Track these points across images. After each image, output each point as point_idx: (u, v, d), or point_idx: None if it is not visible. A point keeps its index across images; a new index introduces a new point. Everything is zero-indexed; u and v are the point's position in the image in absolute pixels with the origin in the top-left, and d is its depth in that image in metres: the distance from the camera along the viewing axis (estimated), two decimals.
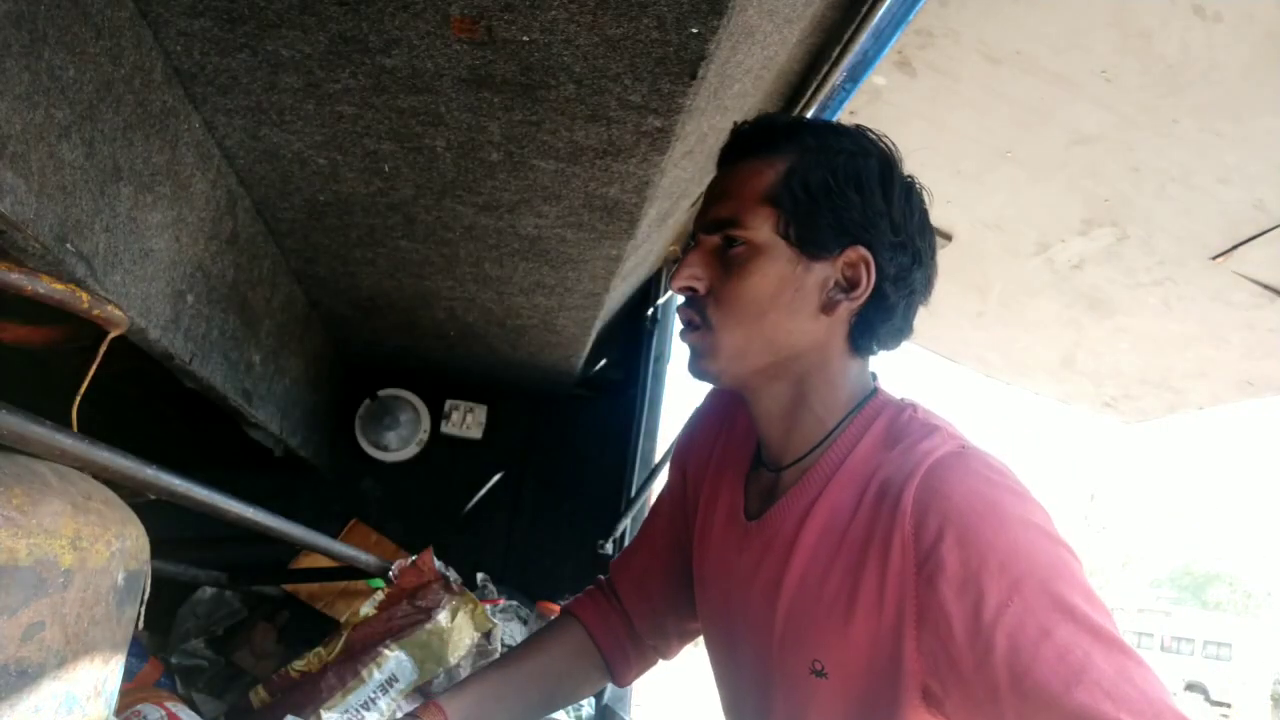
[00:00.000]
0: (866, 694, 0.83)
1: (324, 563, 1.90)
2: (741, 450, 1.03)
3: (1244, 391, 2.07)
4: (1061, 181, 1.61)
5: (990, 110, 1.50)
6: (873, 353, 0.94)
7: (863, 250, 0.87)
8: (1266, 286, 1.66)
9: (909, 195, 0.90)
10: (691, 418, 1.17)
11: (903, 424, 0.89)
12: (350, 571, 1.83)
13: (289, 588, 2.03)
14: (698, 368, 0.92)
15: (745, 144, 0.93)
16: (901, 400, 0.94)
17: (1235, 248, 1.58)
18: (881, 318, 0.89)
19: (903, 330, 0.93)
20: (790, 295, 0.87)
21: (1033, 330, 2.19)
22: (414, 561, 1.70)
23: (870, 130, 0.93)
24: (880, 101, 1.58)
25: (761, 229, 0.88)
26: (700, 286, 0.90)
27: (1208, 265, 1.65)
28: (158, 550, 0.80)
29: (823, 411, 0.91)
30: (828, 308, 0.87)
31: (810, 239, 0.86)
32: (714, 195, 0.94)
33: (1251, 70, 1.22)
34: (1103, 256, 1.77)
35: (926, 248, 0.91)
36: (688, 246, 0.96)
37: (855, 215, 0.87)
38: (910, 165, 0.95)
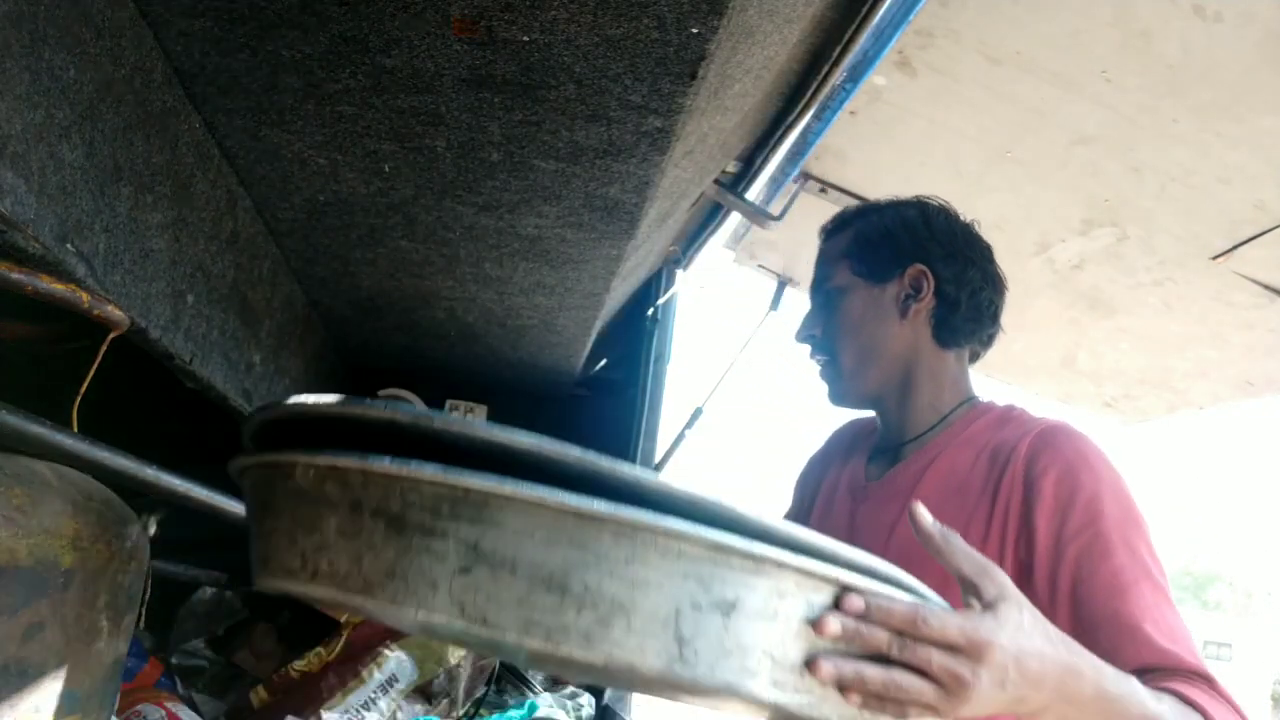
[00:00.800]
0: None
1: None
2: (860, 453, 1.22)
3: (1244, 391, 2.07)
4: (1061, 181, 1.61)
5: (990, 110, 1.50)
6: (959, 345, 1.15)
7: (920, 266, 1.13)
8: (1267, 286, 1.66)
9: (949, 222, 1.17)
10: (814, 454, 1.36)
11: (1014, 414, 1.09)
12: None
13: None
14: (834, 393, 1.18)
15: (829, 233, 1.24)
16: (1009, 404, 1.14)
17: (1235, 248, 1.58)
18: (951, 310, 1.12)
19: (980, 321, 1.15)
20: (874, 312, 1.14)
21: (1033, 330, 2.19)
22: None
23: (929, 198, 1.21)
24: (880, 101, 1.58)
25: (842, 276, 1.16)
26: (816, 331, 1.18)
27: (1208, 265, 1.65)
28: (157, 550, 0.80)
29: (933, 399, 1.13)
30: (904, 312, 1.13)
31: (875, 270, 1.14)
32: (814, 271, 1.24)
33: (1251, 70, 1.22)
34: (1103, 256, 1.77)
35: (977, 254, 1.16)
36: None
37: (906, 244, 1.14)
38: (910, 165, 1.02)
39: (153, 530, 0.96)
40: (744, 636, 0.53)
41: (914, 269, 1.13)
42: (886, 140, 1.71)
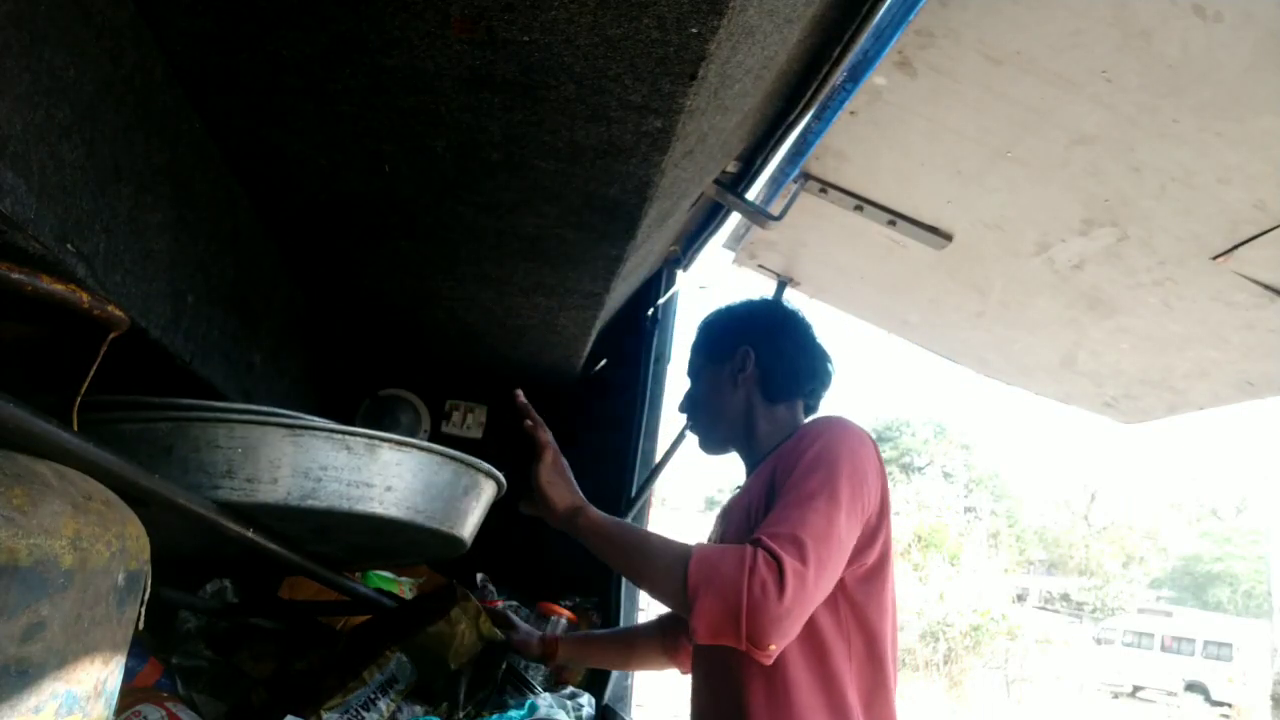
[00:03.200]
0: None
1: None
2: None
3: (1244, 392, 2.07)
4: (1061, 181, 1.61)
5: (990, 110, 1.50)
6: (785, 399, 1.53)
7: (745, 347, 1.54)
8: (1267, 286, 1.66)
9: (770, 312, 1.61)
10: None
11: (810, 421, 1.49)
12: (353, 606, 1.72)
13: (287, 594, 2.02)
14: (701, 445, 1.63)
15: (696, 334, 1.66)
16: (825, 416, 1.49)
17: (1236, 248, 1.57)
18: (769, 375, 1.52)
19: (798, 380, 1.54)
20: (716, 386, 1.56)
21: (1033, 330, 2.19)
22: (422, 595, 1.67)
23: (764, 298, 1.70)
24: (880, 101, 1.58)
25: (697, 362, 1.61)
26: (688, 403, 1.64)
27: (1208, 265, 1.64)
28: (157, 552, 0.79)
29: (766, 439, 1.51)
30: (735, 382, 1.54)
31: (714, 354, 1.58)
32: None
33: (1251, 70, 1.22)
34: (1103, 256, 1.77)
35: (792, 332, 1.57)
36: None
37: (735, 332, 1.57)
38: (910, 165, 1.01)
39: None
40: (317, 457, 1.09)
41: (740, 350, 1.53)
42: (886, 140, 1.71)
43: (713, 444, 1.60)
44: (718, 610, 1.13)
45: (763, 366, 1.52)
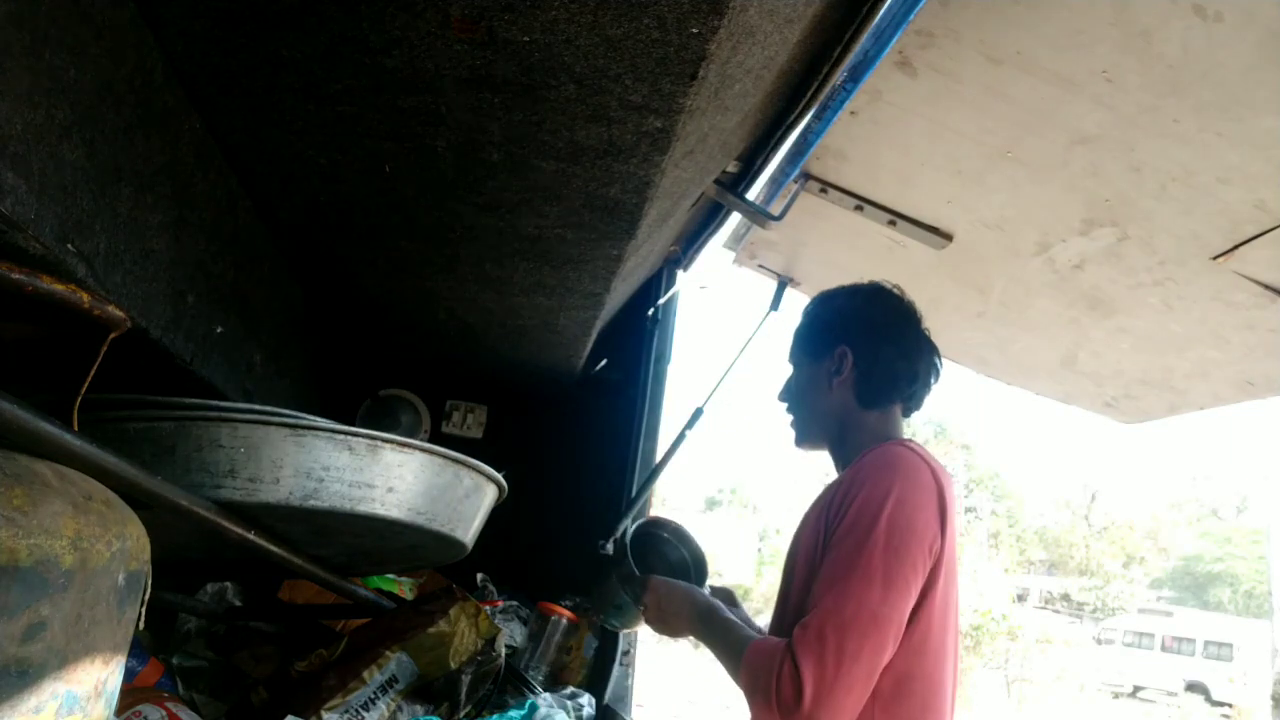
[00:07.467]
0: None
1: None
2: None
3: (1244, 392, 2.07)
4: (1062, 181, 1.61)
5: (990, 110, 1.50)
6: (879, 405, 1.46)
7: (843, 347, 1.48)
8: (1267, 286, 1.66)
9: (873, 310, 1.51)
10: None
11: (873, 449, 1.38)
12: (353, 609, 1.73)
13: (287, 596, 2.02)
14: (796, 440, 1.59)
15: (800, 320, 1.62)
16: (897, 441, 1.41)
17: (1236, 248, 1.57)
18: (866, 379, 1.47)
19: (896, 385, 1.47)
20: (813, 384, 1.53)
21: (1033, 330, 2.19)
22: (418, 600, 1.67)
23: (874, 286, 1.55)
24: (880, 101, 1.58)
25: (796, 355, 1.58)
26: (786, 395, 1.60)
27: (1208, 265, 1.64)
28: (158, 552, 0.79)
29: (856, 446, 1.44)
30: (830, 384, 1.49)
31: (812, 351, 1.54)
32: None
33: (1252, 70, 1.22)
34: (1103, 256, 1.77)
35: (895, 334, 1.48)
36: None
37: (835, 330, 1.51)
38: (910, 165, 1.02)
39: None
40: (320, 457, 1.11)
41: (838, 349, 1.48)
42: (886, 140, 1.71)
43: (806, 441, 1.56)
44: (764, 715, 1.19)
45: (860, 370, 1.46)
